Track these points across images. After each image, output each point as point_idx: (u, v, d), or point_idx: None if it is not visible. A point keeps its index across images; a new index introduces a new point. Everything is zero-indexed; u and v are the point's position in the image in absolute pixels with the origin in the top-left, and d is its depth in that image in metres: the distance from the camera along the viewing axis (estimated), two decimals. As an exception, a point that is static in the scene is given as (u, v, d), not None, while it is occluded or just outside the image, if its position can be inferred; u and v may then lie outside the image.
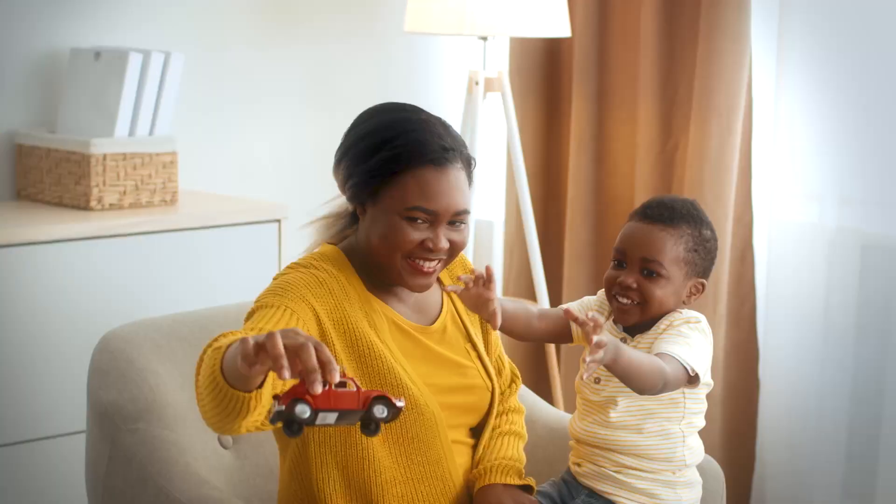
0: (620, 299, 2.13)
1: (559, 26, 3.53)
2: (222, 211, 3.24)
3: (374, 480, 2.04)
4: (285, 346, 1.63)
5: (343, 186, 2.10)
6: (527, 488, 2.17)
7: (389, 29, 3.93)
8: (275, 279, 2.06)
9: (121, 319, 2.50)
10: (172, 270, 3.11)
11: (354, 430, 2.01)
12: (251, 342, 1.64)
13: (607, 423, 2.12)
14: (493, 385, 2.20)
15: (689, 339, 2.07)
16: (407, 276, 2.05)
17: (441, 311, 2.18)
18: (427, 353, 2.10)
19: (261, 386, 1.77)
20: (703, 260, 2.15)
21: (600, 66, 3.82)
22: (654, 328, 2.13)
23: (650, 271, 2.11)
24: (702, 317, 2.14)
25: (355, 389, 1.70)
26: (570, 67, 3.90)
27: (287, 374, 1.62)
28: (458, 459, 2.13)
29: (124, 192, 3.17)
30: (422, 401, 2.05)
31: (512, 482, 2.14)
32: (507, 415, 2.24)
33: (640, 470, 2.13)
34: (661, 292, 2.11)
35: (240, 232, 3.22)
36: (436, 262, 2.05)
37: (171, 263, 3.11)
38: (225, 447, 2.37)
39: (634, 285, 2.11)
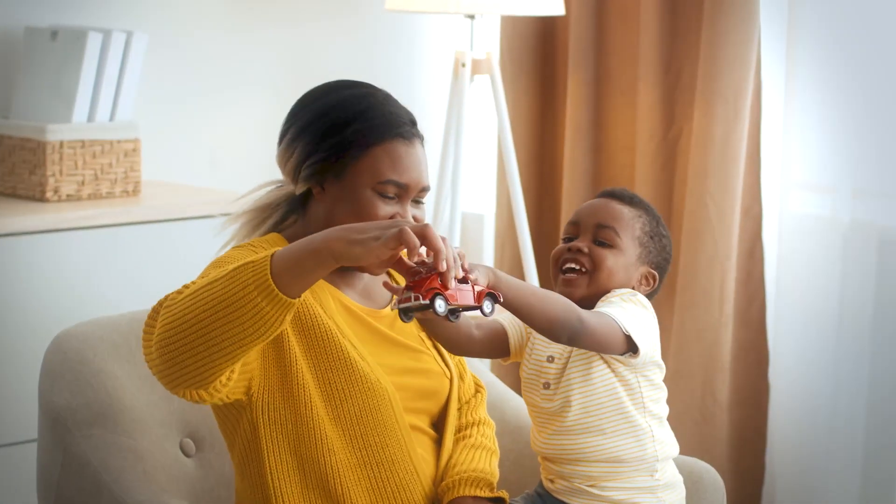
0: (567, 266, 2.13)
1: (553, 4, 3.52)
2: (188, 203, 3.24)
3: (329, 462, 2.05)
4: None
5: (298, 167, 2.12)
6: (499, 501, 2.17)
7: (369, 7, 3.92)
8: (211, 262, 2.11)
9: (78, 319, 2.48)
10: (134, 266, 3.10)
11: (304, 410, 2.04)
12: (410, 230, 1.80)
13: (566, 429, 2.11)
14: (451, 374, 2.22)
15: (623, 306, 2.08)
16: None
17: (392, 300, 2.21)
18: (377, 335, 2.14)
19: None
20: (657, 252, 2.19)
21: (598, 46, 3.82)
22: None
23: (602, 241, 2.14)
24: (637, 292, 2.15)
25: (470, 285, 1.87)
26: (565, 48, 3.90)
27: (444, 266, 1.81)
28: (419, 449, 2.14)
29: (83, 183, 3.17)
30: (373, 377, 2.07)
31: (482, 495, 2.15)
32: (477, 426, 2.27)
33: (615, 479, 2.12)
34: (612, 261, 2.13)
35: (207, 225, 3.20)
36: None
37: (133, 259, 3.10)
38: (187, 455, 2.36)
39: (586, 249, 2.13)
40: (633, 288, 2.16)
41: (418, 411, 2.17)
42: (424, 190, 2.13)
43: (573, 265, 2.13)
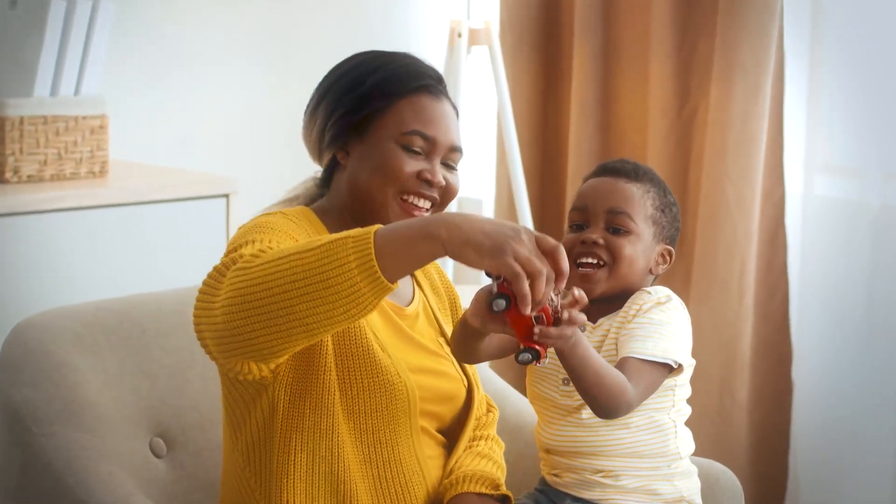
0: (583, 260, 2.14)
1: (557, -31, 3.52)
2: (160, 184, 3.24)
3: (337, 455, 2.06)
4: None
5: (322, 133, 2.18)
6: (503, 500, 2.20)
7: (359, -26, 3.93)
8: (243, 227, 2.10)
9: (39, 308, 2.48)
10: (101, 252, 3.10)
11: (325, 396, 2.05)
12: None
13: (583, 422, 2.12)
14: (469, 381, 2.26)
15: (666, 328, 2.09)
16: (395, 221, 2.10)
17: (413, 300, 2.26)
18: (399, 331, 2.18)
19: None
20: (669, 224, 2.21)
21: (606, 15, 3.81)
22: (621, 311, 2.14)
23: (617, 228, 2.15)
24: (670, 292, 2.17)
25: (527, 328, 1.84)
26: (570, 17, 3.89)
27: (526, 307, 1.79)
28: (427, 451, 2.16)
29: (45, 162, 3.16)
30: (392, 371, 2.09)
31: (486, 492, 2.17)
32: (486, 441, 2.30)
33: (631, 468, 2.14)
34: (631, 249, 2.14)
35: (181, 209, 3.21)
36: (429, 203, 2.14)
37: (100, 244, 3.10)
38: (158, 455, 2.36)
39: (601, 241, 2.14)
40: (650, 270, 2.18)
41: (431, 415, 2.18)
42: (456, 151, 2.16)
43: (589, 259, 2.14)
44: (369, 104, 2.14)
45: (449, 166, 2.16)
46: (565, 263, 1.81)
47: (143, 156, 3.55)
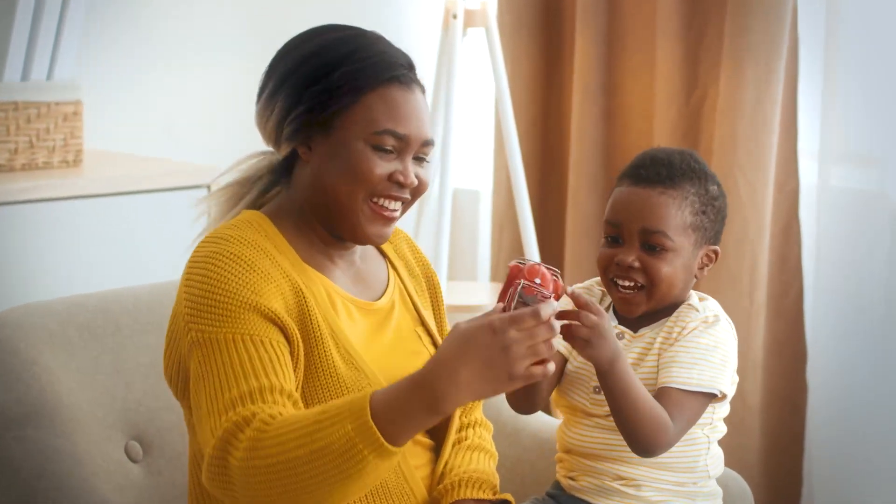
0: (621, 283, 2.14)
1: (558, -53, 3.52)
2: (137, 174, 3.24)
3: None
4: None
5: (279, 125, 2.11)
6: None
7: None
8: (191, 272, 2.04)
9: (10, 304, 2.48)
10: (76, 245, 3.10)
11: None
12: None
13: (612, 426, 2.11)
14: None
15: (713, 354, 2.10)
16: (366, 224, 2.09)
17: (387, 288, 2.22)
18: (372, 332, 2.15)
19: None
20: (713, 223, 2.18)
21: (610, -3, 3.82)
22: (663, 323, 2.15)
23: (653, 246, 2.13)
24: (718, 309, 2.17)
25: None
26: (572, -1, 3.90)
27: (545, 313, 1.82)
28: (412, 461, 2.14)
29: (16, 151, 3.16)
30: (368, 391, 2.03)
31: (486, 497, 2.15)
32: (473, 428, 2.28)
33: (655, 480, 2.14)
34: (669, 269, 2.13)
35: (159, 200, 3.21)
36: (400, 203, 2.11)
37: (75, 237, 3.10)
38: (134, 460, 2.36)
39: (636, 264, 2.13)
40: (695, 276, 2.17)
41: None
42: (428, 144, 2.11)
43: (626, 283, 2.14)
44: (336, 101, 2.07)
45: (420, 159, 2.12)
46: (550, 302, 1.85)
47: (119, 144, 3.55)
